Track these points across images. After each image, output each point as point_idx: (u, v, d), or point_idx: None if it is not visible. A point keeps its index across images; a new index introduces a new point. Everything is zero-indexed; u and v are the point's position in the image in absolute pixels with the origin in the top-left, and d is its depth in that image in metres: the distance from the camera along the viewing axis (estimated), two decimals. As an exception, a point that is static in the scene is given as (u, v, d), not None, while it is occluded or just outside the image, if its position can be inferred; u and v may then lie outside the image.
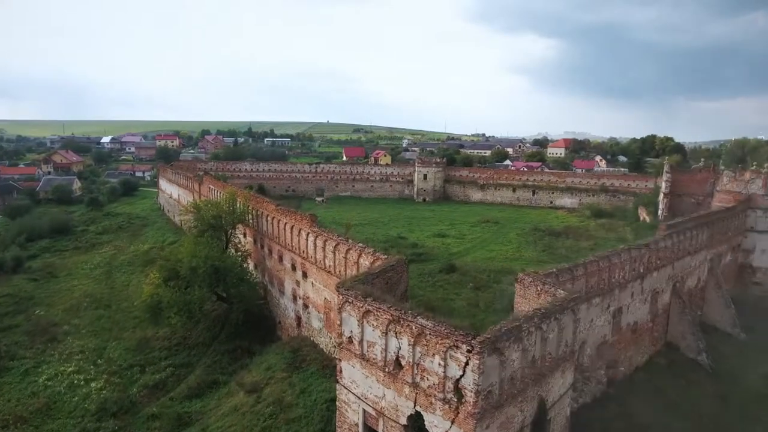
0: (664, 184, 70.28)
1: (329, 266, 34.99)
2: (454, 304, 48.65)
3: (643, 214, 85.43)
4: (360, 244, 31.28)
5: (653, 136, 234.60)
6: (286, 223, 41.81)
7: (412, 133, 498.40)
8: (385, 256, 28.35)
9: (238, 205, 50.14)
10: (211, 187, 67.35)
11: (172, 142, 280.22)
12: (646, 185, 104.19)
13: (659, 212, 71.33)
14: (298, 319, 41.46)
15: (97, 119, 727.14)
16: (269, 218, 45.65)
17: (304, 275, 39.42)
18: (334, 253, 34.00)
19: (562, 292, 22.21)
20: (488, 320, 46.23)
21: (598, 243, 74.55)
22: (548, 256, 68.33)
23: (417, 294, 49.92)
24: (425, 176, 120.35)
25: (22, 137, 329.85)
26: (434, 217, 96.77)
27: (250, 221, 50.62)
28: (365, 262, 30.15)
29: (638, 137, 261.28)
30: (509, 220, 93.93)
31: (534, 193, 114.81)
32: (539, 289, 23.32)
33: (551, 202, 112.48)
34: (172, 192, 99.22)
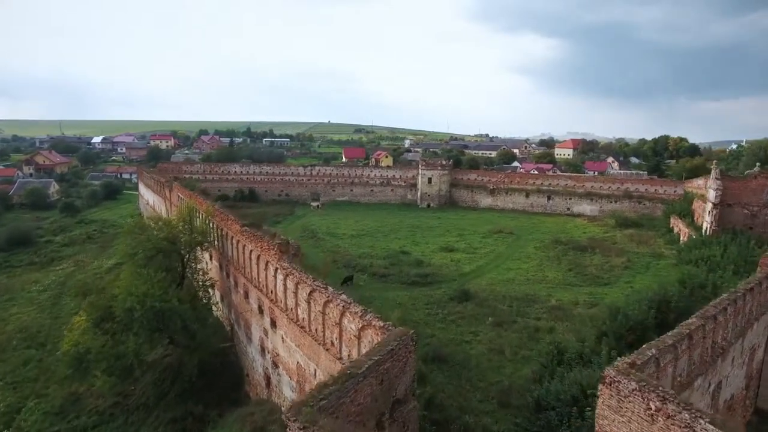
0: (712, 193, 59.67)
1: (302, 319, 24.67)
2: (472, 349, 38.41)
3: (678, 225, 75.26)
4: (344, 297, 20.89)
5: (666, 137, 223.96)
6: (251, 251, 31.49)
7: (414, 133, 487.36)
8: (382, 324, 17.98)
9: (197, 223, 39.56)
10: (180, 195, 57.12)
11: (167, 142, 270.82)
12: (674, 191, 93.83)
13: (707, 225, 60.76)
14: (268, 378, 31.15)
15: (97, 119, 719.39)
16: (234, 241, 35.34)
17: (273, 324, 29.11)
18: (308, 302, 23.68)
19: (706, 423, 11.84)
20: (518, 375, 36.21)
21: (631, 260, 64.39)
22: (577, 277, 58.16)
23: (425, 332, 39.87)
24: (430, 180, 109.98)
25: (18, 137, 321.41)
26: (441, 226, 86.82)
27: (215, 242, 40.28)
28: (351, 325, 19.85)
29: (644, 137, 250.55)
30: (525, 229, 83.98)
31: (549, 198, 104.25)
32: (653, 408, 12.99)
33: (568, 209, 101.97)
34: (149, 198, 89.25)
